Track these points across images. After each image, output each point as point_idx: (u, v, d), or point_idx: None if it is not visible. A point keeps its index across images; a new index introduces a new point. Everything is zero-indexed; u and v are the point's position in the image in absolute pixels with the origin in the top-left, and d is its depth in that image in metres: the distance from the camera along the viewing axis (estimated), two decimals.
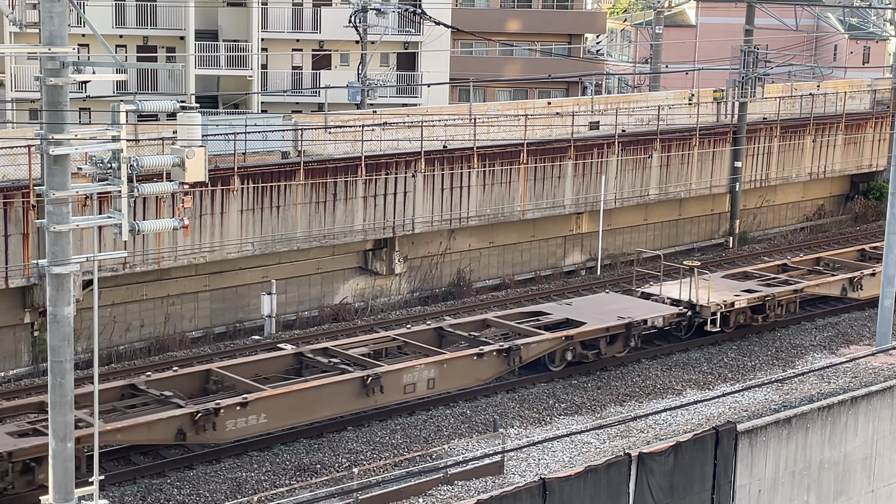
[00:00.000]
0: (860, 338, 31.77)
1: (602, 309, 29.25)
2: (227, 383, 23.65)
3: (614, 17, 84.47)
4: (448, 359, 25.26)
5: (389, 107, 44.86)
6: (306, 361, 25.24)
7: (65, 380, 14.54)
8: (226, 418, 21.88)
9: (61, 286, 14.31)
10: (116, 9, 52.59)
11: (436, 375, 24.84)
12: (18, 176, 28.42)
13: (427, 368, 24.76)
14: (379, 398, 24.08)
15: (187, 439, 21.74)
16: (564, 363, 27.60)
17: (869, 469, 26.98)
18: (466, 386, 25.89)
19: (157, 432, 21.39)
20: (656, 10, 53.60)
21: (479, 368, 25.65)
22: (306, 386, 23.35)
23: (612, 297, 31.01)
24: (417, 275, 36.02)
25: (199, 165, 14.38)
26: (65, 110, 13.91)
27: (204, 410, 21.68)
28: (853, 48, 73.15)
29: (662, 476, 22.56)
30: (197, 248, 30.74)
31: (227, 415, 21.90)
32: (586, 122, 40.23)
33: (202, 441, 22.07)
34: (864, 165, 47.70)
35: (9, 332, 28.86)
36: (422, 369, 24.69)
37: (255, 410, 22.24)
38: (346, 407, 23.80)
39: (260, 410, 22.31)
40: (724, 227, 43.72)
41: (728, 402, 26.18)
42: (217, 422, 21.80)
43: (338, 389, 23.54)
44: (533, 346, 26.61)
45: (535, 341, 26.74)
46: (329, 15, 54.70)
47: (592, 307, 29.62)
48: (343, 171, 33.25)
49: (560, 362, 27.57)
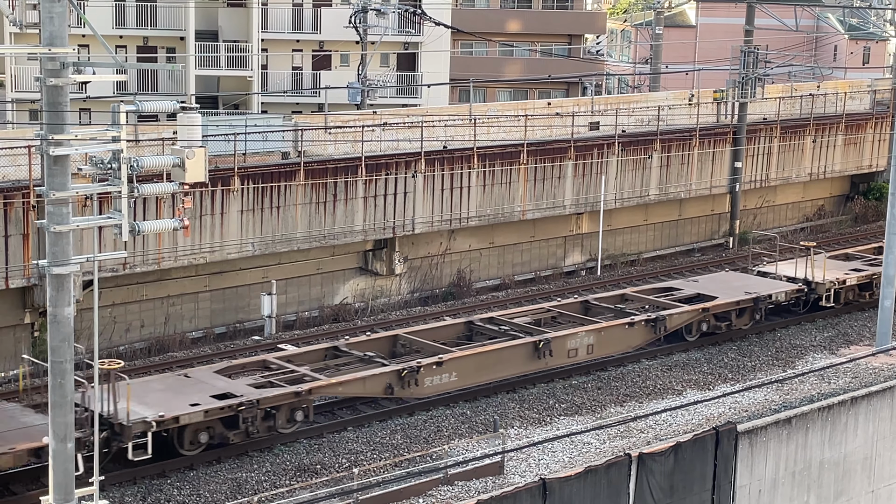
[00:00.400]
0: (860, 338, 31.78)
1: (727, 285, 32.10)
2: (415, 347, 26.62)
3: (614, 18, 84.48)
4: (604, 327, 28.14)
5: (389, 107, 44.87)
6: (476, 329, 28.20)
7: (65, 380, 14.55)
8: (425, 375, 24.75)
9: (61, 286, 14.31)
10: (116, 9, 52.60)
11: (594, 342, 27.71)
12: (19, 176, 28.43)
13: (587, 335, 27.61)
14: (549, 361, 26.90)
15: (394, 393, 24.56)
16: (699, 333, 30.36)
17: (869, 469, 26.98)
18: (619, 352, 28.68)
19: (371, 386, 24.26)
20: (656, 10, 53.61)
21: (630, 336, 28.52)
22: (490, 349, 26.24)
23: (734, 276, 33.95)
24: (417, 275, 36.03)
25: (199, 166, 14.39)
26: (65, 111, 13.91)
27: (409, 368, 24.49)
28: (853, 48, 73.16)
29: (662, 476, 22.57)
30: (197, 248, 30.75)
31: (425, 372, 24.75)
32: (586, 122, 40.23)
33: (405, 395, 24.80)
34: (864, 166, 47.71)
35: (9, 332, 28.87)
36: (583, 336, 27.55)
37: (448, 369, 25.18)
38: (520, 368, 26.59)
39: (452, 369, 25.25)
40: (724, 227, 43.72)
41: (728, 402, 26.18)
42: (418, 378, 24.62)
43: (515, 352, 26.38)
44: (675, 317, 29.53)
45: (678, 312, 29.66)
46: (329, 15, 54.70)
47: (718, 284, 32.47)
48: (343, 171, 33.26)
49: (696, 332, 30.31)
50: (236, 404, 22.14)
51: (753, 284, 32.17)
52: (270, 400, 22.62)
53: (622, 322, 28.44)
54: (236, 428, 22.26)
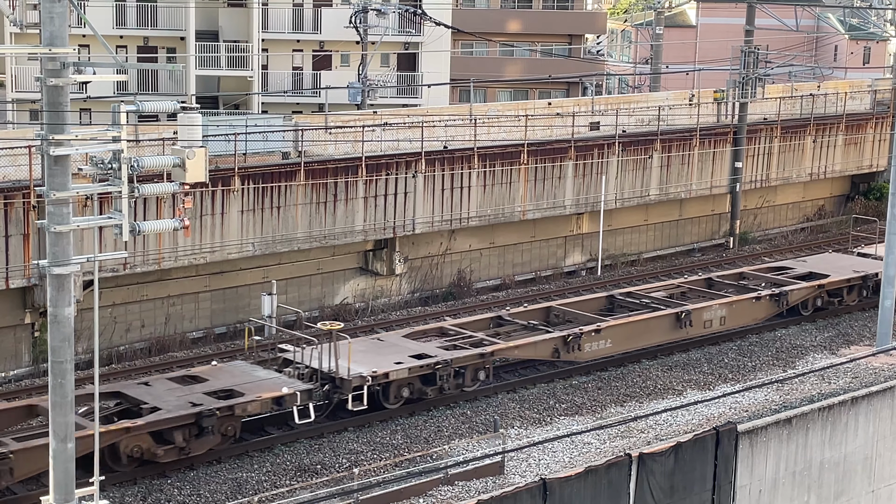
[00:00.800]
0: (860, 338, 31.78)
1: (834, 265, 34.64)
2: (567, 317, 29.32)
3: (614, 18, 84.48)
4: (735, 301, 30.88)
5: (390, 107, 44.86)
6: (617, 302, 30.92)
7: (65, 380, 14.54)
8: (585, 341, 27.49)
9: (62, 287, 14.31)
10: (117, 9, 52.61)
11: (726, 314, 30.43)
12: (19, 176, 28.43)
13: (720, 308, 30.41)
14: (689, 331, 29.61)
15: (560, 356, 27.27)
16: (814, 308, 32.89)
17: (869, 469, 26.98)
18: (746, 324, 31.44)
19: (541, 350, 27.10)
20: (656, 10, 53.60)
21: (756, 309, 31.26)
22: (640, 318, 28.98)
23: (838, 256, 36.61)
24: (418, 275, 36.03)
25: (199, 166, 14.39)
26: (65, 111, 13.91)
27: (572, 334, 27.22)
28: (853, 49, 73.15)
29: (663, 476, 22.57)
30: (197, 248, 30.75)
31: (586, 339, 27.52)
32: (587, 122, 40.22)
33: (569, 358, 27.47)
34: (865, 166, 47.69)
35: (9, 332, 28.87)
36: (716, 309, 30.31)
37: (604, 336, 27.96)
38: (664, 337, 29.35)
39: (608, 336, 28.02)
40: (725, 227, 43.72)
41: (728, 402, 26.18)
42: (580, 343, 27.33)
43: (660, 322, 29.19)
44: (795, 293, 32.08)
45: (797, 288, 32.19)
46: (329, 15, 54.71)
47: (826, 263, 34.99)
48: (343, 171, 33.25)
49: (811, 308, 32.81)
50: (433, 363, 25.16)
51: (857, 264, 34.59)
52: (460, 360, 25.64)
53: (750, 297, 31.20)
54: (433, 384, 25.25)
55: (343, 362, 23.96)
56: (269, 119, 35.71)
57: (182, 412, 21.91)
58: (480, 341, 26.85)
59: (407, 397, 24.99)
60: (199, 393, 22.97)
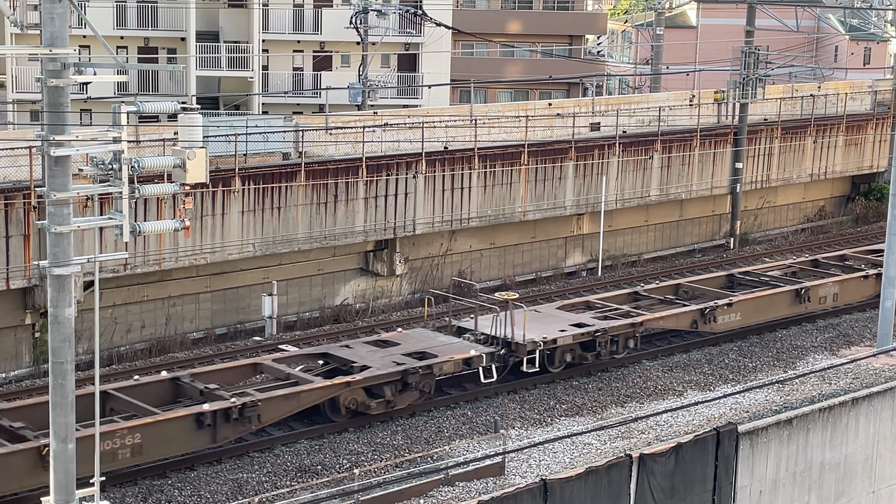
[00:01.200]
0: (861, 339, 31.77)
1: None
2: (696, 293, 31.85)
3: (615, 19, 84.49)
4: (846, 279, 33.08)
5: (390, 108, 44.88)
6: (737, 280, 33.47)
7: (66, 381, 14.53)
8: (719, 314, 29.99)
9: (62, 287, 14.31)
10: (117, 10, 52.61)
11: (838, 291, 32.66)
12: (20, 177, 28.44)
13: (834, 285, 32.60)
14: (808, 306, 31.90)
15: (698, 327, 29.83)
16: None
17: (870, 470, 26.97)
18: (855, 301, 33.57)
19: (682, 321, 29.76)
20: (657, 11, 53.59)
21: (864, 287, 33.35)
22: (765, 294, 31.41)
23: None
24: (418, 276, 36.03)
25: (200, 166, 14.38)
26: (66, 111, 13.90)
27: (709, 307, 29.77)
28: (854, 49, 73.14)
29: (663, 477, 22.56)
30: (198, 249, 30.75)
31: (720, 311, 30.03)
32: (587, 123, 40.23)
33: (705, 329, 30.01)
34: (865, 166, 47.70)
35: (10, 333, 28.88)
36: (831, 286, 32.50)
37: (735, 310, 30.41)
38: (785, 311, 31.65)
39: (738, 310, 30.51)
40: (725, 228, 43.72)
41: (729, 403, 26.18)
42: (715, 315, 29.86)
43: (782, 298, 31.49)
44: None
45: None
46: (330, 16, 54.71)
47: None
48: (344, 172, 33.26)
49: None
50: (593, 331, 27.62)
51: None
52: (615, 329, 28.05)
53: (859, 275, 33.29)
54: (592, 350, 27.64)
55: (518, 329, 26.59)
56: (270, 120, 35.71)
57: (391, 370, 24.64)
58: (627, 313, 29.61)
59: (568, 362, 27.52)
60: (398, 354, 25.67)
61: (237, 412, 22.03)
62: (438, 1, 52.88)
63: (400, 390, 24.62)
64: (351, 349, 26.11)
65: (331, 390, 23.78)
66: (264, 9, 53.91)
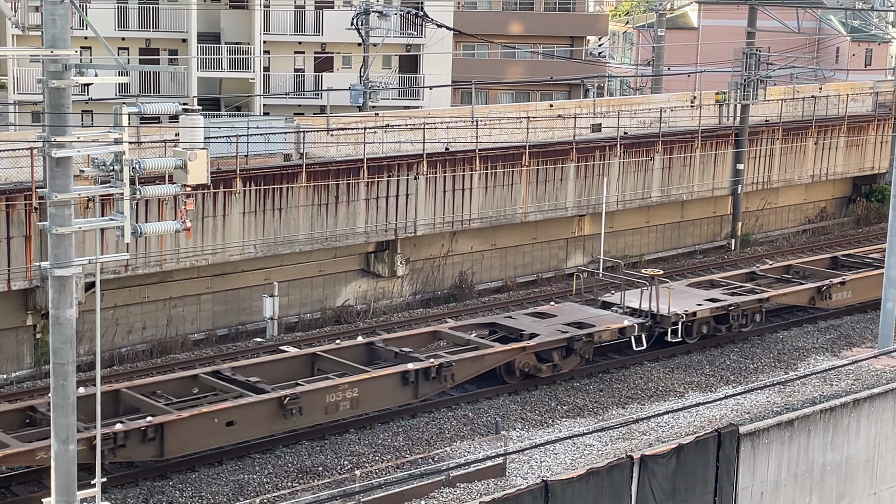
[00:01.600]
0: (862, 340, 31.77)
1: None
2: (806, 273, 34.36)
3: (616, 20, 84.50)
4: None
5: (391, 109, 44.90)
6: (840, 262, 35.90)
7: (67, 382, 14.53)
8: (833, 291, 32.38)
9: (63, 288, 14.31)
10: (119, 11, 52.64)
11: None
12: (21, 178, 28.45)
13: None
14: None
15: (815, 303, 32.33)
16: None
17: (871, 471, 26.97)
18: None
19: (801, 297, 32.26)
20: (658, 12, 53.59)
21: None
22: (872, 274, 33.45)
23: None
24: (419, 277, 36.03)
25: (201, 168, 14.38)
26: (67, 113, 13.90)
27: (825, 284, 32.30)
28: (855, 50, 73.14)
29: (664, 478, 22.56)
30: (199, 250, 30.76)
31: (834, 289, 32.39)
32: (588, 124, 40.24)
33: (822, 305, 32.43)
34: (867, 168, 47.70)
35: (11, 334, 28.88)
36: None
37: (847, 288, 32.84)
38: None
39: (849, 288, 32.91)
40: (727, 229, 43.71)
41: (730, 404, 26.17)
42: (830, 293, 32.30)
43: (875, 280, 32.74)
44: None
45: None
46: (331, 17, 54.73)
47: None
48: (345, 173, 33.27)
49: None
50: (727, 305, 30.18)
51: None
52: (746, 304, 30.65)
53: None
54: (724, 323, 30.14)
55: (664, 303, 28.96)
56: (271, 121, 35.73)
57: (558, 337, 27.23)
58: (752, 290, 32.09)
59: (704, 333, 29.94)
60: (559, 324, 28.12)
61: (435, 371, 24.80)
62: (440, 2, 52.89)
63: (565, 356, 27.29)
64: (515, 320, 28.70)
65: (509, 354, 26.54)
66: (265, 10, 53.93)
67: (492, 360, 26.22)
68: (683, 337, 29.40)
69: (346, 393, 23.53)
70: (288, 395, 22.65)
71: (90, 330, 28.75)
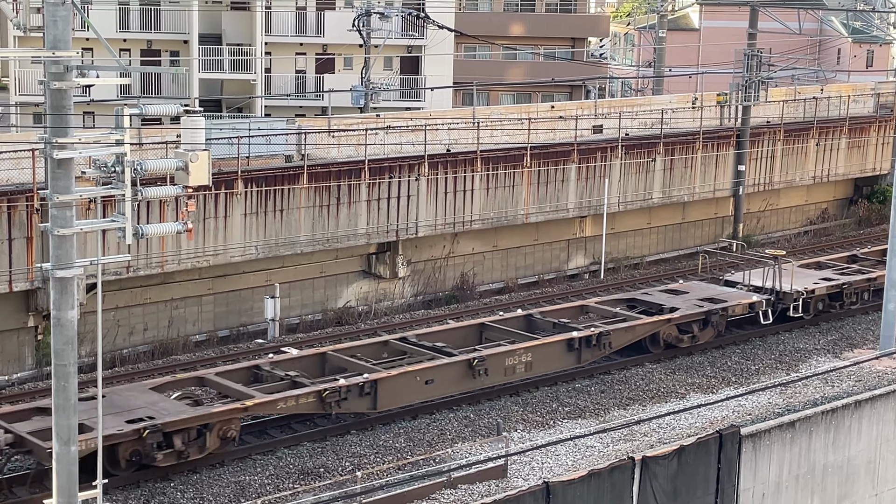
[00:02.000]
0: (864, 341, 31.75)
1: None
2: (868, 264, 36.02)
3: (618, 21, 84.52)
4: None
5: (393, 110, 44.92)
6: None
7: (68, 383, 14.54)
8: None
9: (65, 290, 14.31)
10: (120, 13, 52.70)
11: None
12: (22, 180, 28.45)
13: None
14: None
15: None
16: None
17: (873, 473, 26.96)
18: None
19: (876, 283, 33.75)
20: (660, 13, 53.61)
21: None
22: None
23: None
24: (421, 278, 36.03)
25: (202, 169, 14.40)
26: (69, 114, 13.92)
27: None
28: (857, 52, 73.11)
29: (666, 480, 22.56)
30: (200, 251, 30.76)
31: None
32: (590, 125, 40.24)
33: None
34: (868, 169, 47.69)
35: (13, 335, 28.89)
36: None
37: None
38: None
39: None
40: (728, 230, 43.69)
41: (732, 405, 26.16)
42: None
43: None
44: None
45: None
46: (332, 19, 54.78)
47: None
48: (347, 174, 33.27)
49: None
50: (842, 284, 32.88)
51: None
52: (857, 283, 33.14)
53: None
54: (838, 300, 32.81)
55: (786, 281, 31.26)
56: (273, 122, 35.75)
57: (697, 310, 29.76)
58: (859, 270, 34.40)
59: (819, 310, 32.28)
60: (694, 299, 30.61)
61: (595, 339, 27.37)
62: (441, 3, 52.92)
63: (702, 328, 29.71)
64: (651, 296, 31.34)
65: (656, 325, 29.14)
66: (267, 11, 53.98)
67: (641, 330, 28.91)
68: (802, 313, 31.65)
69: (522, 357, 26.38)
70: (476, 357, 25.50)
71: (91, 331, 28.74)
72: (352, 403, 23.77)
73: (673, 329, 29.32)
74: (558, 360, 27.09)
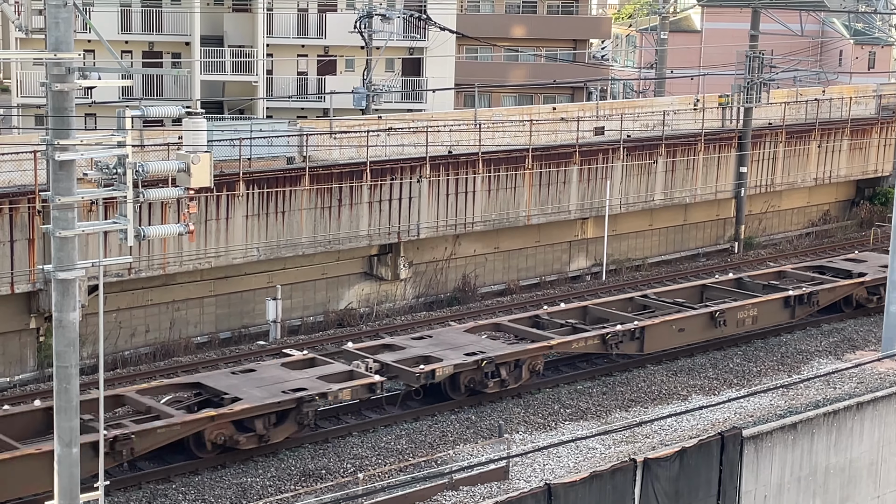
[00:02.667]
0: (866, 343, 31.73)
1: None
2: None
3: (619, 23, 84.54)
4: None
5: (395, 112, 44.94)
6: None
7: (70, 385, 14.54)
8: None
9: (67, 291, 14.32)
10: (122, 14, 52.73)
11: None
12: (24, 182, 28.48)
13: None
14: None
15: None
16: None
17: (875, 475, 26.93)
18: None
19: None
20: (661, 15, 53.60)
21: None
22: None
23: None
24: (422, 280, 36.03)
25: (204, 171, 14.40)
26: (70, 116, 13.92)
27: None
28: (858, 53, 73.09)
29: (668, 482, 22.53)
30: (202, 253, 30.77)
31: None
32: (591, 127, 40.24)
33: None
34: (870, 171, 47.67)
35: (14, 337, 28.90)
36: None
37: None
38: None
39: None
40: (730, 232, 43.70)
41: (733, 407, 26.15)
42: None
43: None
44: None
45: None
46: (334, 20, 54.80)
47: None
48: (348, 176, 33.28)
49: None
50: None
51: None
52: None
53: None
54: None
55: None
56: (274, 124, 35.76)
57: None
58: None
59: None
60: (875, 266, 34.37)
61: (806, 297, 31.46)
62: (443, 5, 52.96)
63: None
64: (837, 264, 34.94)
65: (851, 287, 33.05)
66: (269, 13, 54.00)
67: (840, 291, 32.88)
68: None
69: (750, 311, 30.44)
70: (717, 310, 29.65)
71: (93, 333, 28.76)
72: (625, 346, 27.87)
73: (863, 291, 33.17)
74: (777, 315, 31.18)
